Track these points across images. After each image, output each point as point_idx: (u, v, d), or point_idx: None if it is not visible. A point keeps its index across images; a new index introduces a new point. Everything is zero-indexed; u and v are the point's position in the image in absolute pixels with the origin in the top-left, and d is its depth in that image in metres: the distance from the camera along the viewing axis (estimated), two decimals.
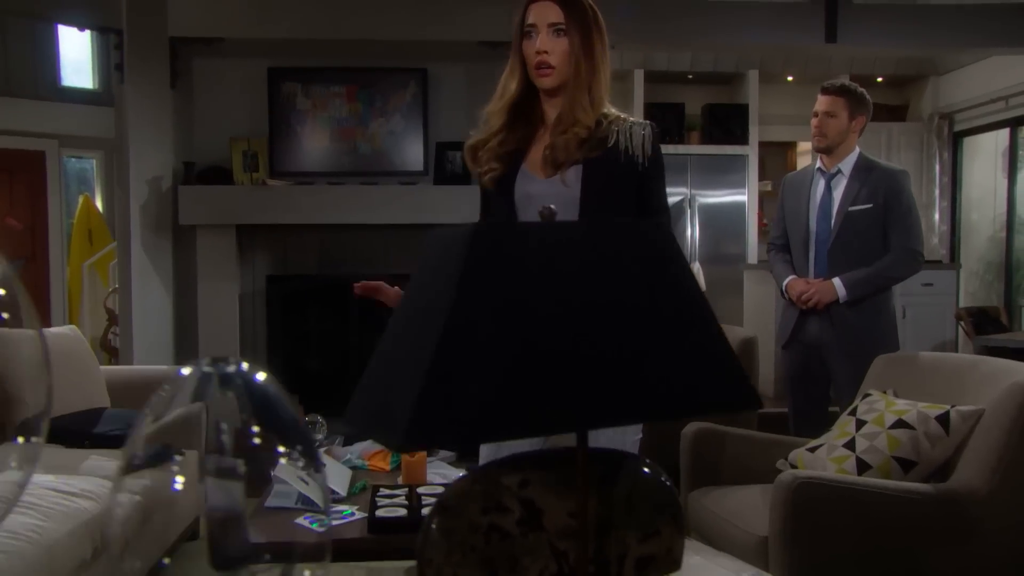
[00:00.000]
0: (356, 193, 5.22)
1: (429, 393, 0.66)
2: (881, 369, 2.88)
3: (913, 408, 2.45)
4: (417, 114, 5.38)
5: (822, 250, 3.25)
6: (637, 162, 1.87)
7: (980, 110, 7.20)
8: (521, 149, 1.92)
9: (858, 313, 3.19)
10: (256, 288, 5.44)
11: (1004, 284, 7.25)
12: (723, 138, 7.37)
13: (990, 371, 2.48)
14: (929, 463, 2.33)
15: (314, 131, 5.38)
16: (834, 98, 3.25)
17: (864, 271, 3.16)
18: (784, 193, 3.47)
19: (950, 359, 2.75)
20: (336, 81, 5.40)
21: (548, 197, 1.83)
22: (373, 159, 5.39)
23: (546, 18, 1.87)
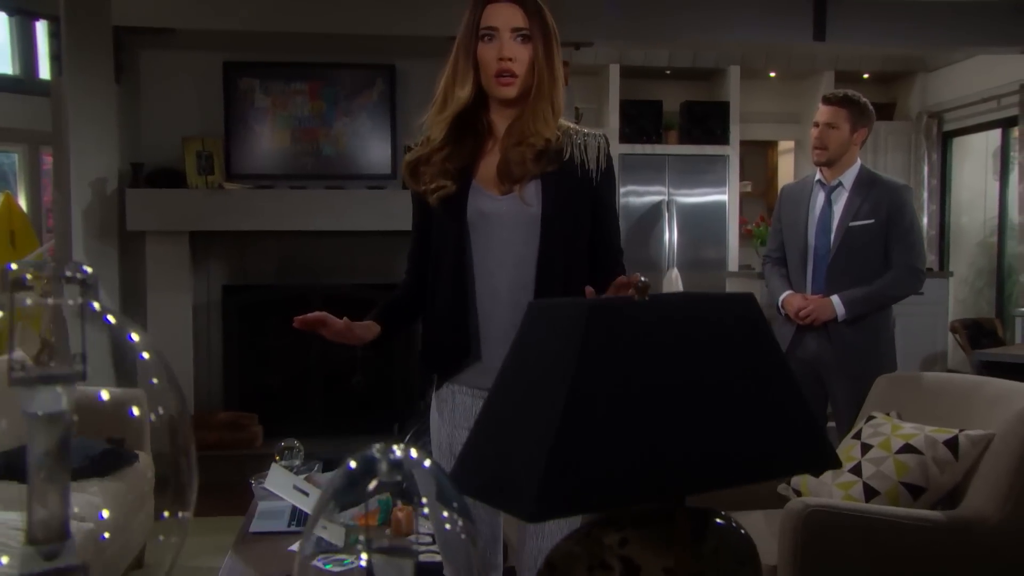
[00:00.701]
0: (319, 198, 5.27)
1: (554, 465, 0.74)
2: (883, 390, 3.02)
3: (920, 432, 2.58)
4: (384, 113, 5.44)
5: (821, 265, 3.38)
6: (591, 176, 1.90)
7: (970, 109, 7.45)
8: (469, 164, 1.90)
9: (857, 331, 3.32)
10: (211, 299, 5.46)
11: (996, 292, 7.51)
12: (702, 137, 7.53)
13: (997, 393, 2.63)
14: (938, 489, 2.47)
15: (274, 131, 5.42)
16: (836, 109, 3.38)
17: (864, 289, 3.29)
18: (782, 204, 3.60)
19: (954, 380, 2.89)
20: (297, 77, 5.44)
21: (506, 216, 1.86)
22: (337, 161, 5.44)
23: (509, 21, 1.85)
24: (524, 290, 1.87)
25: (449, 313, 1.91)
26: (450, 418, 1.95)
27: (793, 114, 8.25)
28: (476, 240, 1.90)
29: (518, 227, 1.88)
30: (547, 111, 1.86)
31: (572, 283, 1.86)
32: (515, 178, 1.86)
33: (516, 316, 1.80)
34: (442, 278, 1.93)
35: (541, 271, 1.87)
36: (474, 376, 1.91)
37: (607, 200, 1.96)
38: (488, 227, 1.89)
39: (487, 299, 1.89)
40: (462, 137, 1.90)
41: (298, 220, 5.24)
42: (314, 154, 5.44)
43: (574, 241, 1.91)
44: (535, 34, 1.85)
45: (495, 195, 1.89)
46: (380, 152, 5.46)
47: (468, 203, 1.89)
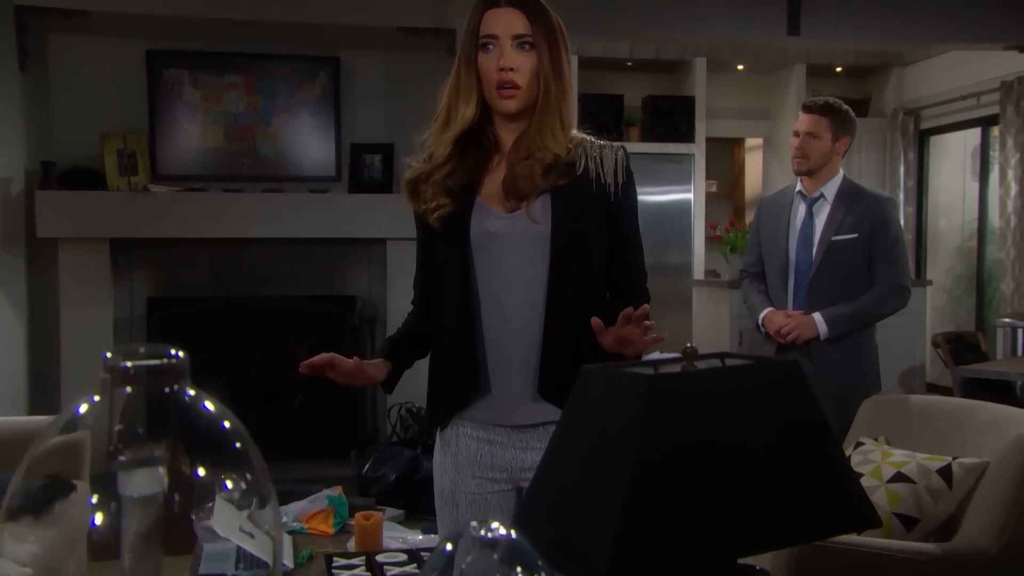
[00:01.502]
0: (256, 202, 5.27)
1: (623, 533, 0.81)
2: (870, 413, 3.15)
3: (912, 460, 2.71)
4: (328, 110, 5.47)
5: (802, 281, 3.51)
6: (609, 191, 1.91)
7: (949, 107, 7.70)
8: (473, 180, 1.92)
9: (839, 350, 3.45)
10: (135, 313, 5.42)
11: (975, 300, 7.77)
12: (666, 134, 7.66)
13: (990, 418, 2.76)
14: (932, 520, 2.59)
15: (205, 128, 5.41)
16: (817, 117, 3.50)
17: (847, 307, 3.42)
18: (760, 216, 3.72)
19: (945, 404, 3.03)
20: (231, 69, 5.43)
21: (513, 235, 1.89)
22: (276, 162, 5.45)
23: (510, 29, 1.86)
24: (534, 315, 1.89)
25: (455, 343, 1.93)
26: (454, 463, 1.98)
27: (762, 109, 8.45)
28: (480, 262, 1.91)
29: (526, 247, 1.89)
30: (555, 124, 1.87)
31: (586, 308, 1.88)
32: (522, 194, 1.88)
33: (526, 344, 1.89)
34: (447, 304, 1.96)
35: (552, 295, 1.89)
36: (482, 411, 1.94)
37: (627, 217, 1.97)
38: (493, 248, 1.90)
39: (494, 326, 1.91)
40: (466, 152, 1.92)
41: (233, 226, 5.24)
42: (250, 154, 5.44)
43: (588, 262, 1.92)
44: (539, 41, 1.86)
45: (501, 213, 1.90)
46: (323, 152, 5.49)
47: (471, 222, 1.91)
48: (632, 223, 1.99)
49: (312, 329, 5.48)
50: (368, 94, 5.55)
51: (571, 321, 1.89)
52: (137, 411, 0.87)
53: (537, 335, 1.90)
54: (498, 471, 1.96)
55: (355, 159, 5.47)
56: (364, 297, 5.48)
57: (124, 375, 0.86)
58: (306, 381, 5.44)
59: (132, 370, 0.86)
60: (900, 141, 8.08)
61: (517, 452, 1.95)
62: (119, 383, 0.86)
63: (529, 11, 1.88)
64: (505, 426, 1.94)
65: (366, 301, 5.47)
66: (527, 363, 1.91)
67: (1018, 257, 6.81)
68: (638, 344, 1.78)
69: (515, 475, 1.96)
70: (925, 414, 2.99)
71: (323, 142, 5.48)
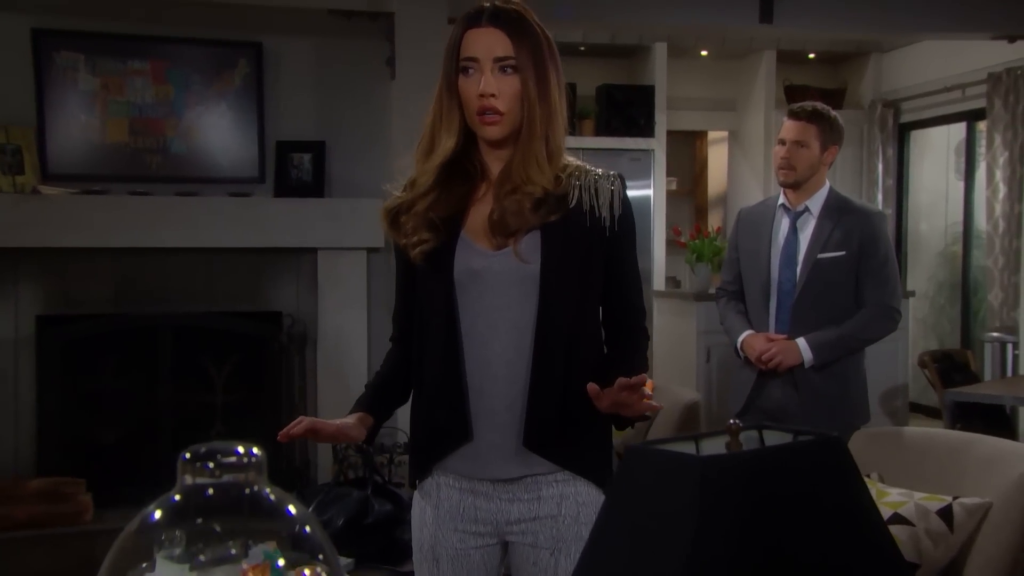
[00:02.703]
0: (167, 206, 5.28)
1: None
2: (861, 447, 3.31)
3: (910, 500, 2.87)
4: (250, 102, 5.49)
5: (785, 302, 3.66)
6: (604, 224, 2.01)
7: (932, 99, 7.98)
8: (458, 212, 2.02)
9: (826, 378, 3.62)
10: (21, 334, 5.37)
11: (960, 310, 8.06)
12: (623, 128, 7.82)
13: (990, 454, 2.94)
14: (932, 565, 2.75)
15: (106, 121, 5.39)
16: (805, 125, 3.66)
17: (833, 332, 3.59)
18: (739, 230, 3.87)
19: (941, 437, 3.21)
20: (136, 54, 5.42)
21: (500, 274, 1.98)
22: (190, 161, 5.45)
23: (491, 51, 1.94)
24: (520, 361, 1.98)
25: (439, 391, 2.02)
26: (435, 515, 2.07)
27: (727, 100, 8.66)
28: (465, 302, 2.00)
29: (513, 287, 1.98)
30: (540, 153, 1.96)
31: (578, 353, 2.00)
32: (510, 231, 1.97)
33: (511, 391, 2.00)
34: (430, 347, 2.04)
35: (540, 339, 1.98)
36: (463, 462, 2.03)
37: (624, 252, 2.06)
38: (478, 287, 1.99)
39: (478, 371, 2.00)
40: (450, 181, 2.01)
41: (140, 234, 5.24)
42: (160, 151, 5.44)
43: (580, 303, 2.02)
44: (523, 63, 1.95)
45: (486, 249, 1.99)
46: (245, 150, 5.50)
47: (456, 259, 1.99)
48: (629, 257, 2.09)
49: (233, 350, 5.50)
50: (295, 85, 5.58)
51: (561, 368, 1.99)
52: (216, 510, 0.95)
53: (523, 382, 1.99)
54: (482, 524, 2.05)
55: (281, 158, 5.50)
56: (292, 314, 5.51)
57: (202, 475, 0.94)
58: (226, 409, 5.52)
59: (213, 470, 0.95)
60: (878, 136, 8.34)
61: (503, 504, 2.04)
62: (198, 484, 0.95)
63: (512, 31, 1.96)
64: (486, 479, 2.04)
65: (295, 318, 5.50)
66: (512, 412, 2.00)
67: (1007, 265, 7.07)
68: (636, 409, 1.88)
69: (500, 529, 2.05)
70: (920, 448, 3.16)
71: (244, 139, 5.50)
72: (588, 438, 2.04)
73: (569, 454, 2.02)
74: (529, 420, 1.99)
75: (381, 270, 5.51)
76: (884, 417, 6.39)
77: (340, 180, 5.58)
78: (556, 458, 2.02)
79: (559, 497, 2.03)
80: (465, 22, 2.01)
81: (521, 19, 2.00)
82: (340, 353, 5.47)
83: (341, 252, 5.48)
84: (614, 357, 2.09)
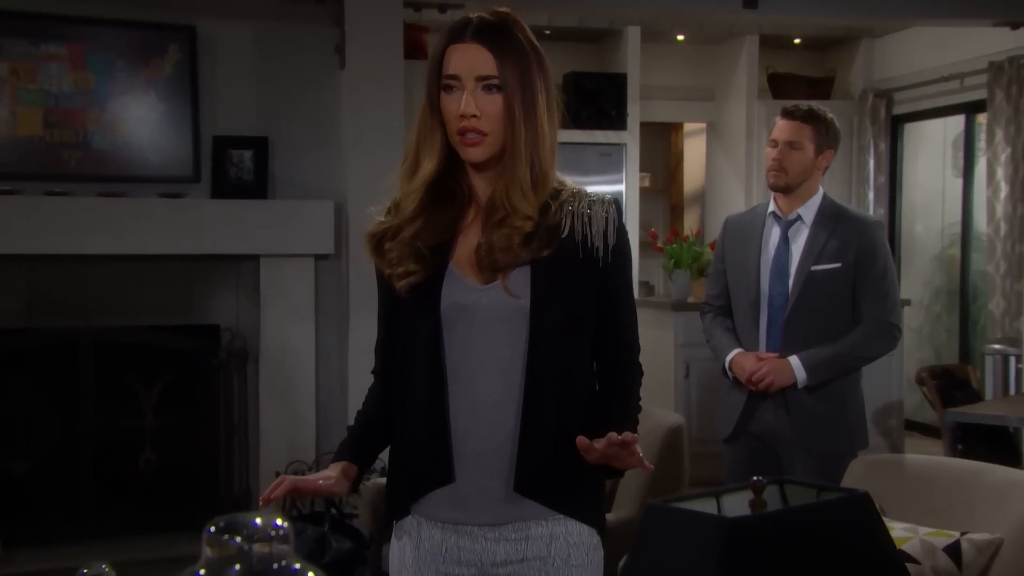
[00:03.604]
0: (89, 208, 5.24)
1: None
2: (860, 476, 3.36)
3: (914, 535, 2.92)
4: (183, 93, 5.45)
5: (776, 318, 3.70)
6: (597, 255, 2.06)
7: (927, 89, 8.06)
8: (446, 240, 2.08)
9: (821, 400, 3.66)
10: None
11: (959, 319, 8.15)
12: (593, 120, 7.83)
13: (999, 484, 2.99)
14: None
15: (16, 112, 5.32)
16: (799, 126, 3.70)
17: (828, 350, 3.63)
18: (726, 240, 3.91)
19: (947, 466, 3.26)
20: (51, 36, 5.36)
21: (489, 310, 2.03)
22: (115, 158, 5.41)
23: (473, 68, 1.99)
24: (509, 401, 2.03)
25: (422, 431, 2.07)
26: (415, 557, 2.10)
27: (706, 89, 8.72)
28: (451, 338, 2.05)
29: (501, 323, 2.03)
30: (525, 180, 2.00)
31: (571, 392, 2.05)
32: (499, 267, 2.02)
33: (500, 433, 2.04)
34: (413, 384, 2.09)
35: (531, 378, 2.03)
36: (444, 506, 2.07)
37: (618, 285, 2.11)
38: (465, 322, 2.04)
39: (464, 412, 2.05)
40: (437, 205, 2.06)
41: (57, 239, 5.18)
42: (80, 146, 5.38)
43: (573, 339, 2.07)
44: (509, 82, 1.99)
45: (474, 283, 2.04)
46: (178, 146, 5.46)
47: (443, 292, 2.04)
48: (624, 290, 2.14)
49: (164, 369, 5.47)
50: (234, 74, 5.55)
51: (553, 408, 2.04)
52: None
53: (513, 424, 2.04)
54: (466, 566, 2.08)
55: (219, 155, 5.47)
56: (231, 327, 5.48)
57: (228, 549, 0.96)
58: (156, 435, 5.48)
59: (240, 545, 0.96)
60: (869, 128, 8.42)
61: (488, 544, 2.07)
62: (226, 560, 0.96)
63: (497, 47, 2.00)
64: (472, 524, 2.07)
65: (234, 332, 5.47)
66: (501, 455, 2.04)
67: (1009, 271, 7.13)
68: (626, 464, 1.94)
69: (485, 570, 2.08)
70: (925, 478, 3.21)
71: (177, 133, 5.46)
72: (580, 479, 2.07)
73: (561, 496, 2.07)
74: (520, 464, 2.03)
75: (330, 279, 5.51)
76: (878, 437, 6.45)
77: (285, 180, 5.56)
78: (549, 501, 2.06)
79: (548, 537, 2.06)
80: (448, 36, 2.04)
81: (508, 33, 2.03)
82: (285, 370, 5.46)
83: (286, 259, 5.46)
84: (606, 398, 2.13)
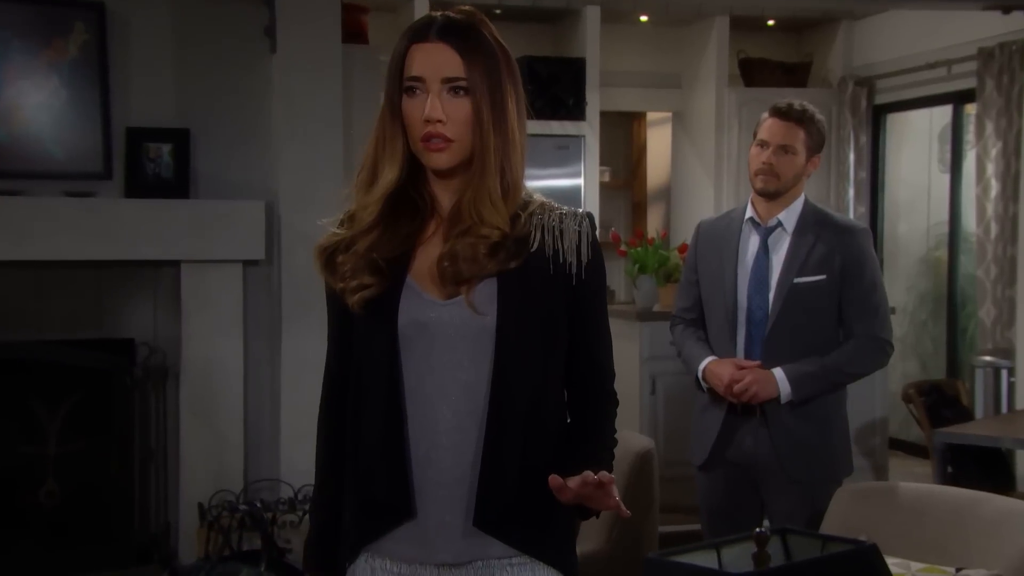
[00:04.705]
0: None
1: None
2: (846, 506, 3.43)
3: (907, 572, 2.98)
4: (91, 78, 5.40)
5: (756, 334, 3.75)
6: (570, 271, 2.10)
7: (912, 77, 8.16)
8: (404, 253, 2.10)
9: (803, 422, 3.71)
10: None
11: (946, 327, 8.26)
12: (548, 109, 7.86)
13: (996, 515, 3.07)
14: None
15: None
16: (793, 128, 3.73)
17: (815, 363, 3.68)
18: (698, 248, 3.95)
19: (939, 495, 3.33)
20: None
21: (450, 327, 2.06)
22: (13, 152, 5.34)
23: (439, 70, 2.03)
24: (472, 427, 2.05)
25: (378, 460, 2.08)
26: None
27: (671, 76, 8.78)
28: (409, 359, 2.07)
29: (465, 342, 2.06)
30: (494, 189, 2.03)
31: (539, 420, 2.07)
32: (462, 279, 2.04)
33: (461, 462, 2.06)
34: (368, 409, 2.11)
35: (495, 402, 2.05)
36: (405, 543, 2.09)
37: (593, 305, 2.14)
38: (425, 342, 2.06)
39: (423, 439, 2.07)
40: (395, 216, 2.08)
41: None
42: None
43: (542, 361, 2.10)
44: (476, 85, 2.02)
45: (435, 299, 2.07)
46: (85, 139, 5.41)
47: (400, 308, 2.07)
48: (598, 310, 2.17)
49: (70, 389, 5.43)
50: (150, 58, 5.51)
51: (518, 435, 2.06)
52: None
53: (475, 452, 2.06)
54: None
55: (133, 150, 5.43)
56: (148, 342, 5.45)
57: None
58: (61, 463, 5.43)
59: None
60: (849, 119, 8.50)
61: None
62: None
63: (464, 47, 2.04)
64: (430, 564, 2.09)
65: (151, 347, 5.44)
66: (462, 486, 2.06)
67: (1000, 276, 7.20)
68: (601, 505, 1.98)
69: None
70: (917, 508, 3.28)
71: (84, 124, 5.40)
72: (548, 517, 2.10)
73: (527, 535, 2.09)
74: (481, 495, 2.05)
75: (260, 287, 5.49)
76: (860, 458, 6.50)
77: (208, 177, 5.53)
78: (512, 540, 2.08)
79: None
80: (410, 35, 2.07)
81: (475, 33, 2.06)
82: (209, 389, 5.43)
83: (210, 265, 5.42)
84: (579, 431, 2.16)
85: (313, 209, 5.08)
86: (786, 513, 3.69)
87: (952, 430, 5.40)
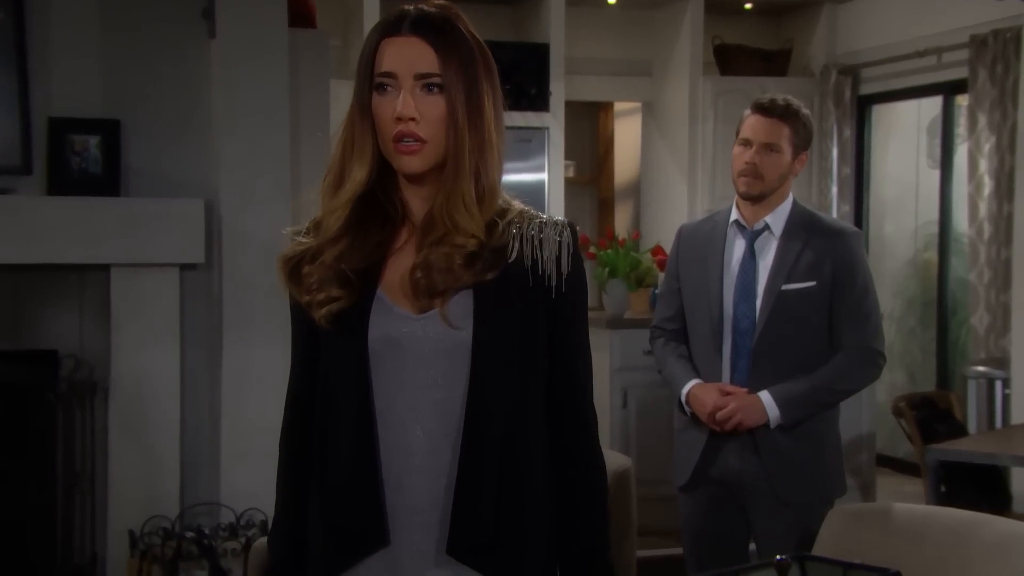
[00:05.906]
0: None
1: None
2: (839, 529, 3.45)
3: None
4: (7, 63, 5.35)
5: (743, 344, 3.78)
6: (549, 284, 2.13)
7: (899, 65, 8.21)
8: (374, 264, 2.14)
9: (795, 443, 3.76)
10: None
11: (936, 335, 8.32)
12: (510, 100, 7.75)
13: (999, 540, 3.08)
14: None
15: None
16: (777, 124, 3.76)
17: (804, 383, 3.72)
18: (680, 253, 3.97)
19: (937, 516, 3.36)
20: None
21: (424, 342, 2.09)
22: None
23: (412, 65, 2.07)
24: (446, 448, 2.09)
25: (348, 484, 2.11)
26: None
27: (641, 63, 8.80)
28: (380, 376, 2.10)
29: (439, 358, 2.10)
30: (468, 194, 2.07)
31: (517, 441, 2.11)
32: (437, 291, 2.07)
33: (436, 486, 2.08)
34: (336, 430, 2.13)
35: (471, 424, 2.08)
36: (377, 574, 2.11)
37: (573, 319, 2.19)
38: (397, 358, 2.10)
39: (396, 461, 2.10)
40: (365, 224, 2.11)
41: None
42: None
43: (521, 378, 2.13)
44: (452, 82, 2.06)
45: (407, 312, 2.10)
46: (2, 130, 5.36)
47: (371, 323, 2.09)
48: (579, 326, 2.21)
49: None
50: (75, 41, 5.46)
51: (495, 457, 2.09)
52: None
53: (449, 475, 2.09)
54: None
55: (56, 142, 5.39)
56: (74, 353, 5.41)
57: None
58: None
59: None
60: (832, 111, 8.56)
61: None
62: None
63: (439, 42, 2.07)
64: None
65: (77, 359, 5.40)
66: (435, 511, 2.09)
67: (994, 280, 7.25)
68: None
69: None
70: (914, 531, 3.31)
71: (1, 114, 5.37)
72: (526, 544, 2.12)
73: (504, 564, 2.11)
74: (456, 521, 2.08)
75: (198, 293, 5.44)
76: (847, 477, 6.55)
77: (141, 173, 5.47)
78: (487, 569, 2.11)
79: None
80: (381, 30, 2.10)
81: (451, 27, 2.10)
82: (142, 405, 5.37)
83: (143, 269, 5.37)
84: (568, 520, 2.20)
85: (256, 208, 5.26)
86: (775, 537, 3.73)
87: (946, 446, 5.45)
